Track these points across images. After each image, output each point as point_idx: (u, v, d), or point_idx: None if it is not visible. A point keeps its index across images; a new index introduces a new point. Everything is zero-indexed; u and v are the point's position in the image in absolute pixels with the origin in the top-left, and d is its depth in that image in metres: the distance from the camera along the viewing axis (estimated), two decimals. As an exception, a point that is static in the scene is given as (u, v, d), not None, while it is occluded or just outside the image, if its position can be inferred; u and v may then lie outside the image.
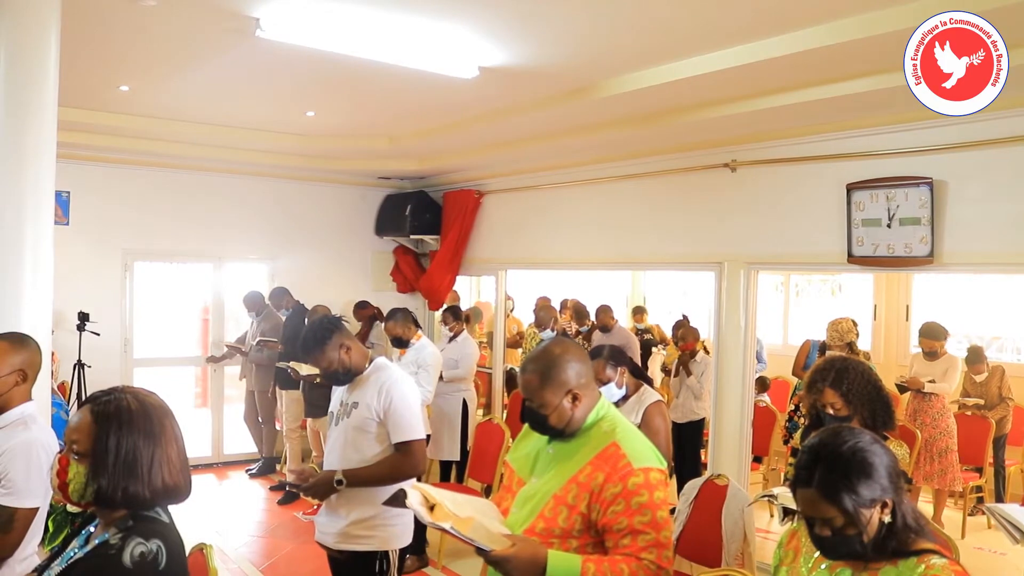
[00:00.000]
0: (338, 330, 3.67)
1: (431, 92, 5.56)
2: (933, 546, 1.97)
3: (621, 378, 4.32)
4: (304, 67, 5.03)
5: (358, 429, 3.61)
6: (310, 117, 6.64)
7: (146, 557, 1.88)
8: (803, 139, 5.72)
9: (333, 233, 9.34)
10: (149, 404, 2.01)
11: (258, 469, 8.55)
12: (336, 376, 3.70)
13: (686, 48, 4.50)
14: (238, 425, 8.82)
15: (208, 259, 8.80)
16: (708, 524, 4.44)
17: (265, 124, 7.11)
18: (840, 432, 2.00)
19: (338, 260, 9.39)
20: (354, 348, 3.69)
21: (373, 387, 3.64)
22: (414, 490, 2.36)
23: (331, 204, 9.34)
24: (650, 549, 2.29)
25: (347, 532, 3.60)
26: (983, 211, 4.88)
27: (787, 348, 10.13)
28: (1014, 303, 9.18)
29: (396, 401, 3.60)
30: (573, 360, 2.49)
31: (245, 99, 6.09)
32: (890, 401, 3.42)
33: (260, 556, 6.33)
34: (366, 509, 3.57)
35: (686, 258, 6.63)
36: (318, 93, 5.87)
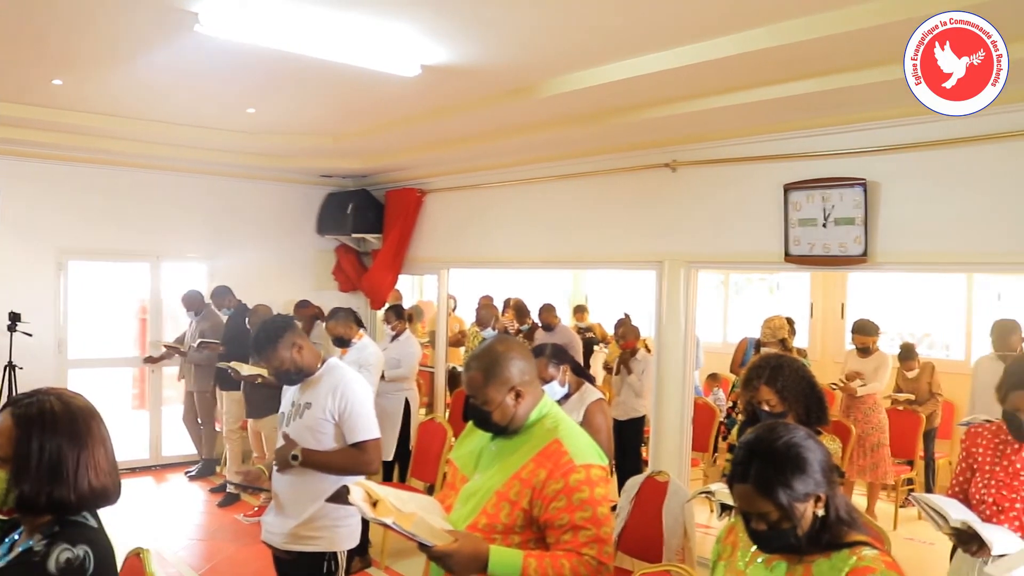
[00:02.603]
0: (290, 329, 3.66)
1: (374, 90, 5.53)
2: (865, 538, 2.02)
3: (564, 376, 4.35)
4: (244, 63, 4.96)
5: (311, 429, 3.60)
6: (251, 114, 6.55)
7: (72, 563, 1.84)
8: (742, 140, 5.81)
9: (274, 232, 9.24)
10: (74, 406, 1.97)
11: (198, 471, 8.43)
12: (287, 376, 3.68)
13: (627, 49, 4.53)
14: (177, 427, 8.68)
15: (146, 258, 8.64)
16: (649, 520, 4.50)
17: (204, 120, 7.00)
18: (775, 428, 2.04)
19: (279, 259, 9.29)
20: (306, 348, 3.67)
21: (327, 388, 3.63)
22: (357, 486, 2.36)
23: (272, 202, 9.23)
24: (591, 545, 2.32)
25: (295, 533, 3.58)
26: (914, 212, 5.01)
27: (726, 346, 10.29)
28: (944, 301, 9.44)
29: (352, 402, 3.60)
30: (516, 358, 2.51)
31: (184, 95, 5.98)
32: (824, 397, 3.50)
33: (200, 559, 6.24)
34: (314, 509, 3.55)
35: (627, 257, 6.69)
36: (259, 90, 5.80)
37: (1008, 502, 3.19)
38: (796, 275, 9.85)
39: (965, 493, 3.40)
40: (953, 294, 9.30)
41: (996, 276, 8.60)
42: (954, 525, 3.11)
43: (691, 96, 5.16)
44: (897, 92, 4.64)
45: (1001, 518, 3.18)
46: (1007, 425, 3.26)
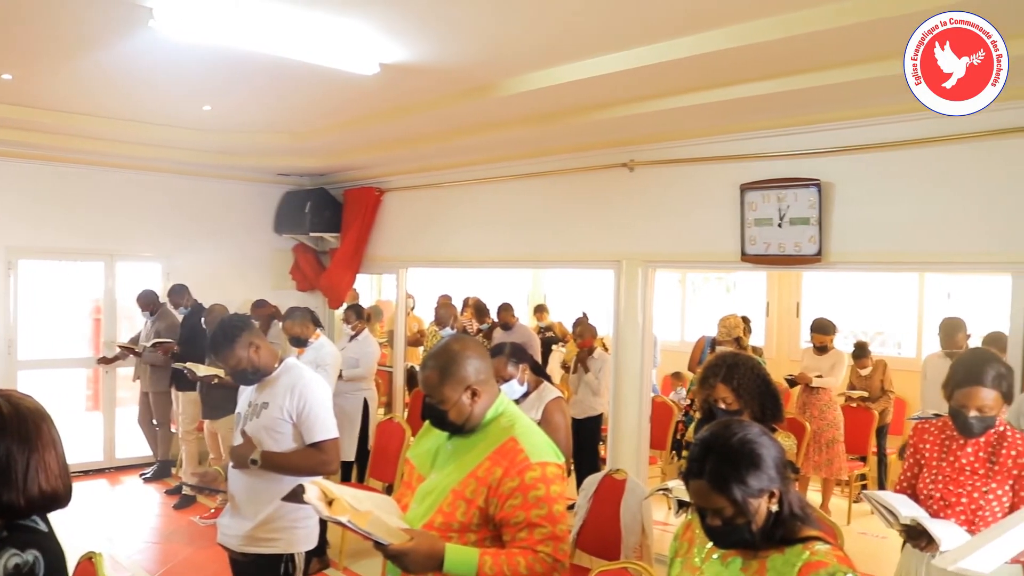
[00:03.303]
0: (248, 328, 3.63)
1: (332, 88, 5.50)
2: (818, 533, 2.05)
3: (522, 375, 4.36)
4: (200, 60, 4.90)
5: (268, 429, 3.57)
6: (207, 111, 6.48)
7: (21, 569, 1.81)
8: (699, 140, 5.87)
9: (231, 230, 9.15)
10: (24, 408, 1.93)
11: (153, 473, 8.32)
12: (244, 375, 3.66)
13: (586, 49, 4.55)
14: (132, 428, 8.55)
15: (99, 257, 8.51)
16: (607, 518, 4.52)
17: (159, 118, 6.91)
18: (730, 425, 2.07)
19: (236, 258, 9.20)
20: (263, 347, 3.65)
21: (284, 388, 3.61)
22: (313, 485, 2.36)
23: (229, 201, 9.14)
24: (546, 542, 2.33)
25: (252, 535, 3.55)
26: (866, 212, 5.09)
27: (684, 344, 10.37)
28: (896, 300, 9.60)
29: (310, 401, 3.58)
30: (473, 356, 2.52)
31: (138, 91, 5.89)
32: (779, 394, 3.54)
33: (155, 563, 6.16)
34: (272, 511, 3.53)
35: (585, 256, 6.72)
36: (215, 87, 5.73)
37: (954, 497, 3.26)
38: (752, 274, 9.96)
39: (913, 488, 3.47)
40: (905, 293, 9.47)
41: (946, 276, 8.77)
42: (904, 522, 3.17)
43: (649, 96, 5.20)
44: (851, 94, 4.75)
45: (948, 512, 3.25)
46: (953, 421, 3.32)
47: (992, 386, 3.21)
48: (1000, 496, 3.21)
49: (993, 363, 3.27)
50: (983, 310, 7.75)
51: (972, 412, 3.22)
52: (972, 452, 3.29)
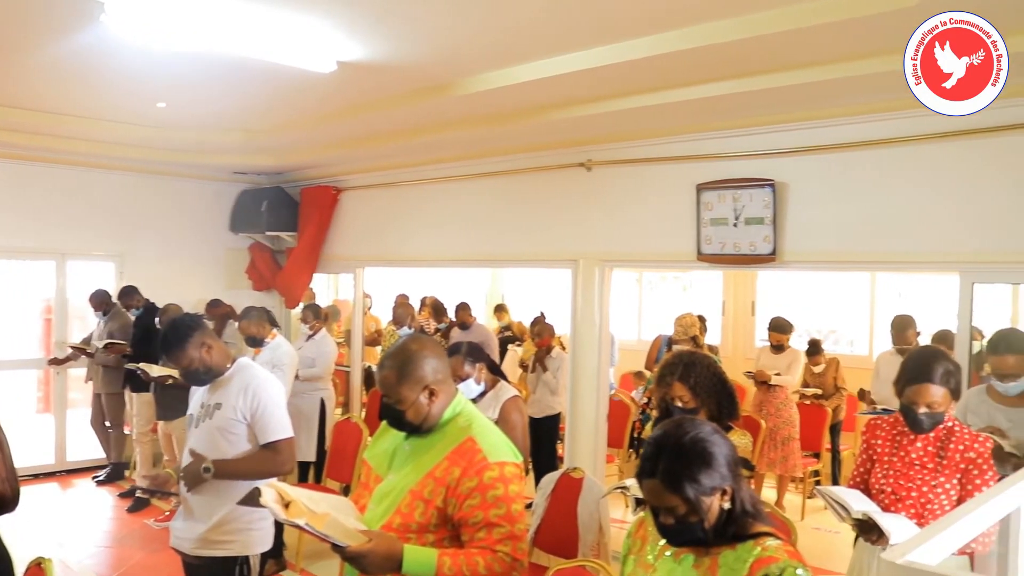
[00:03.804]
0: (199, 328, 3.59)
1: (288, 86, 5.45)
2: (769, 529, 2.08)
3: (479, 374, 4.36)
4: (154, 56, 4.81)
5: (221, 430, 3.53)
6: (161, 108, 6.39)
7: None
8: (656, 140, 5.90)
9: (185, 229, 9.04)
10: None
11: (106, 476, 8.20)
12: (196, 376, 3.61)
13: (544, 49, 4.56)
14: (84, 430, 8.42)
15: (50, 256, 8.37)
16: (565, 517, 4.53)
17: (112, 114, 6.80)
18: (682, 424, 2.08)
19: (190, 257, 9.09)
20: (215, 347, 3.61)
21: (237, 388, 3.57)
22: (269, 488, 2.34)
23: (183, 199, 9.02)
24: (505, 541, 2.34)
25: (206, 537, 3.51)
26: (819, 212, 5.16)
27: (641, 343, 10.42)
28: (848, 299, 9.75)
29: (264, 401, 3.55)
30: (430, 356, 2.51)
31: (90, 86, 5.79)
32: (735, 393, 3.58)
33: (108, 567, 6.07)
34: (226, 513, 3.49)
35: (542, 256, 6.74)
36: (169, 83, 5.65)
37: (905, 491, 3.32)
38: (708, 273, 10.04)
39: (866, 483, 3.52)
40: (857, 292, 9.62)
41: (897, 275, 8.92)
42: (855, 516, 3.23)
43: (606, 97, 5.22)
44: (806, 96, 4.81)
45: (898, 506, 3.31)
46: (904, 417, 3.38)
47: (941, 383, 3.27)
48: (948, 490, 3.27)
49: (942, 361, 3.34)
50: (933, 308, 7.89)
51: (922, 408, 3.28)
52: (922, 447, 3.35)
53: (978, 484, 3.21)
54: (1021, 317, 6.69)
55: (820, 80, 4.40)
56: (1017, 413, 4.01)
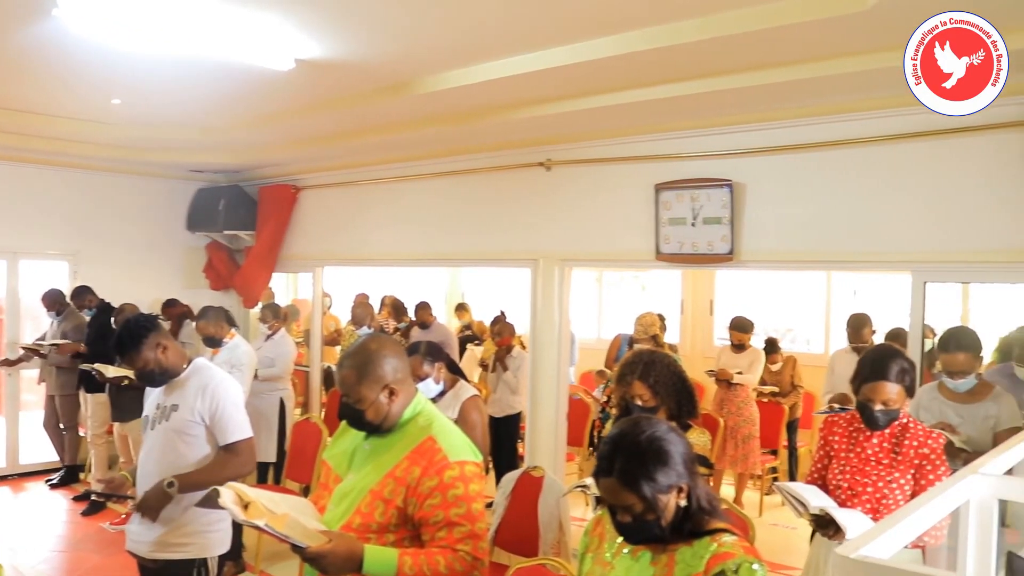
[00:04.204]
0: (154, 329, 3.53)
1: (246, 83, 5.40)
2: (725, 525, 2.10)
3: (439, 373, 4.35)
4: (108, 51, 4.73)
5: (178, 432, 3.48)
6: (116, 105, 6.30)
7: None
8: (615, 140, 5.94)
9: (141, 228, 8.91)
10: None
11: (60, 479, 8.06)
12: (152, 377, 3.56)
13: (503, 48, 4.57)
14: (37, 432, 8.27)
15: (1, 255, 8.21)
16: (525, 515, 4.54)
17: (66, 110, 6.68)
18: (638, 422, 2.10)
19: (146, 256, 8.96)
20: (171, 348, 3.56)
21: (195, 388, 3.52)
22: (227, 489, 2.32)
23: (139, 197, 8.90)
24: (466, 540, 2.34)
25: (163, 540, 3.46)
26: (776, 212, 5.22)
27: (600, 342, 10.47)
28: (805, 298, 9.87)
29: (222, 402, 3.50)
30: (389, 355, 2.51)
31: (43, 82, 5.67)
32: (694, 392, 3.61)
33: (62, 572, 5.97)
34: (183, 515, 3.45)
35: (502, 255, 6.74)
36: (124, 80, 5.56)
37: (861, 486, 3.37)
38: (667, 272, 10.11)
39: (823, 479, 3.57)
40: (813, 291, 9.74)
41: (852, 274, 9.04)
42: (812, 511, 3.27)
43: (565, 96, 5.24)
44: (763, 97, 4.87)
45: (855, 502, 3.36)
46: (860, 414, 3.44)
47: (896, 380, 3.33)
48: (903, 485, 3.33)
49: (897, 359, 3.40)
50: (887, 307, 8.01)
51: (878, 405, 3.34)
52: (877, 443, 3.40)
53: (931, 479, 3.27)
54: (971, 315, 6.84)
55: (777, 82, 4.45)
56: (967, 409, 4.10)
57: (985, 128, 4.38)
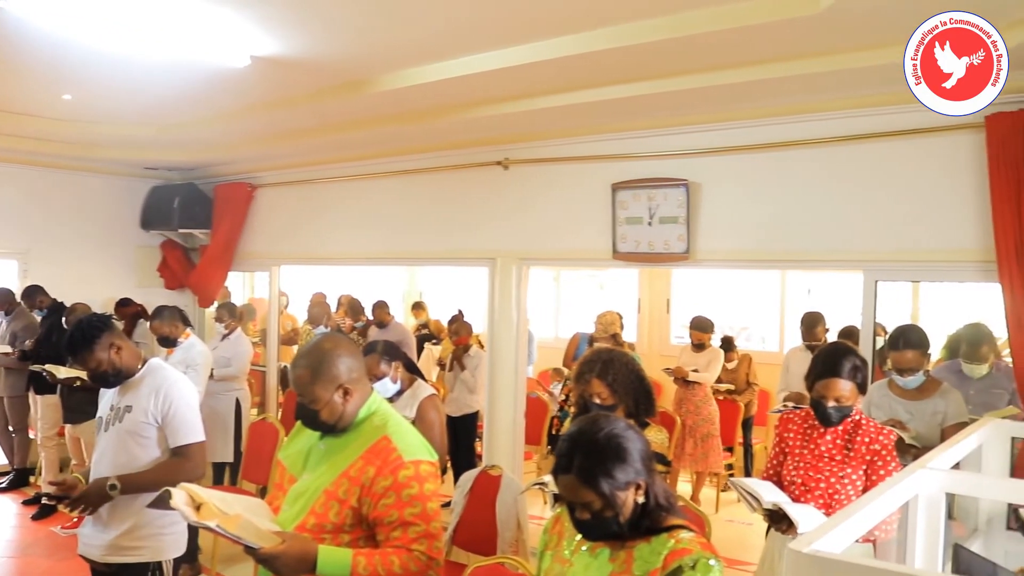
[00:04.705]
0: (107, 329, 3.49)
1: (200, 80, 5.33)
2: (683, 522, 2.13)
3: (396, 373, 4.35)
4: (58, 45, 4.64)
5: (132, 434, 3.44)
6: (67, 101, 6.19)
7: None
8: (572, 140, 5.96)
9: (93, 226, 8.76)
10: None
11: (9, 482, 7.90)
12: (105, 378, 3.51)
13: (461, 47, 4.56)
14: (-15, 435, 8.11)
15: (-52, 254, 8.05)
16: (483, 514, 4.55)
17: (15, 105, 6.53)
18: (596, 420, 2.12)
19: (99, 255, 8.82)
20: (125, 348, 3.51)
21: (148, 389, 3.48)
22: (179, 490, 2.30)
23: (92, 195, 8.74)
24: (421, 540, 2.34)
25: (116, 544, 3.42)
26: (731, 212, 5.28)
27: (558, 341, 10.51)
28: (759, 296, 9.99)
29: (176, 403, 3.46)
30: (344, 355, 2.50)
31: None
32: (652, 390, 3.64)
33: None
34: (137, 518, 3.41)
35: (460, 254, 6.73)
36: (75, 75, 5.45)
37: (814, 482, 3.43)
38: (624, 271, 10.17)
39: (778, 475, 3.63)
40: (768, 289, 9.86)
41: (806, 272, 9.16)
42: (766, 507, 3.32)
43: (523, 95, 5.25)
44: (717, 97, 4.92)
45: (808, 497, 3.42)
46: (814, 411, 3.50)
47: (848, 378, 3.40)
48: (855, 480, 3.39)
49: (849, 356, 3.46)
50: (840, 305, 8.13)
51: (831, 402, 3.40)
52: (831, 440, 3.46)
53: (881, 475, 3.34)
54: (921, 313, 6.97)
55: (733, 82, 4.50)
56: (916, 406, 4.19)
57: (936, 131, 4.47)
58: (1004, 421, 3.57)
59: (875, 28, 3.76)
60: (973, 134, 4.33)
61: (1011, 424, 3.59)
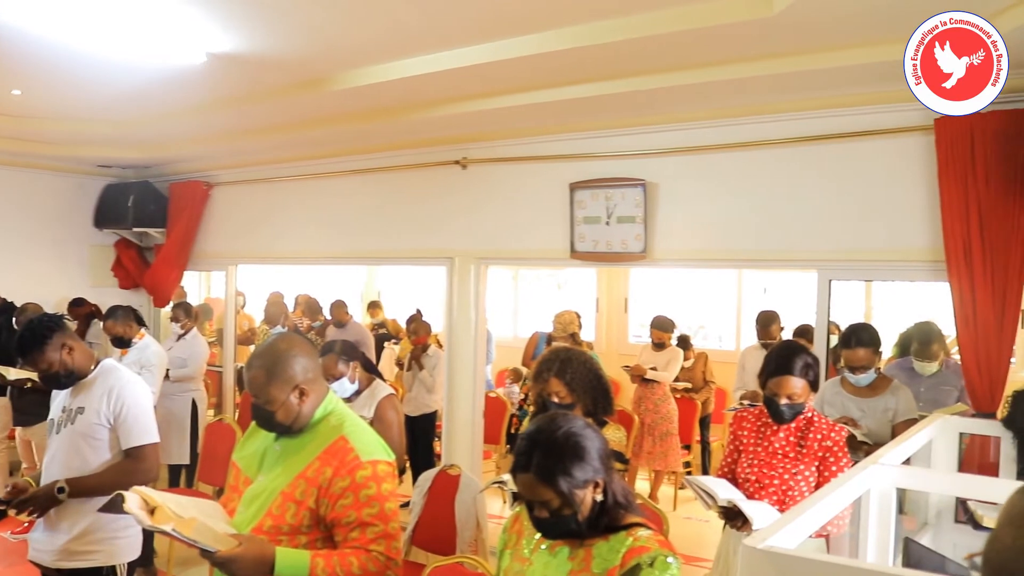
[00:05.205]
0: (59, 329, 3.43)
1: (156, 77, 5.25)
2: (641, 520, 2.16)
3: (353, 373, 4.34)
4: (7, 39, 4.55)
5: (84, 436, 3.39)
6: (16, 96, 6.06)
7: None
8: (531, 139, 5.97)
9: (46, 225, 8.59)
10: None
11: (-43, 486, 7.76)
12: (57, 379, 3.46)
13: (420, 45, 4.55)
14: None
15: None
16: (442, 514, 4.55)
17: (-39, 102, 6.42)
18: (555, 419, 2.13)
19: (52, 254, 8.66)
20: (77, 349, 3.46)
21: (101, 390, 3.43)
22: (133, 493, 2.27)
23: (43, 193, 8.57)
24: (379, 541, 2.34)
25: (68, 548, 3.37)
26: (688, 212, 5.32)
27: (517, 340, 10.52)
28: (716, 295, 10.09)
29: (129, 404, 3.42)
30: (299, 355, 2.49)
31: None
32: (610, 388, 3.67)
33: (-40, 583, 5.76)
34: (89, 522, 3.36)
35: (418, 253, 6.72)
36: (25, 69, 5.34)
37: (768, 479, 3.48)
38: (582, 270, 10.21)
39: (733, 473, 3.67)
40: (724, 288, 9.96)
41: (762, 272, 9.27)
42: (721, 504, 3.36)
43: (481, 95, 5.25)
44: (674, 98, 4.96)
45: (762, 494, 3.47)
46: (767, 408, 3.55)
47: (800, 375, 3.45)
48: (808, 477, 3.45)
49: (801, 354, 3.52)
50: (795, 304, 8.25)
51: (783, 400, 3.45)
52: (784, 437, 3.51)
53: (833, 471, 3.39)
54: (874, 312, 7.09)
55: (689, 83, 4.54)
56: (867, 403, 4.27)
57: (887, 133, 4.55)
58: (953, 417, 3.66)
59: (828, 31, 3.82)
60: (923, 137, 4.41)
61: (959, 420, 3.68)
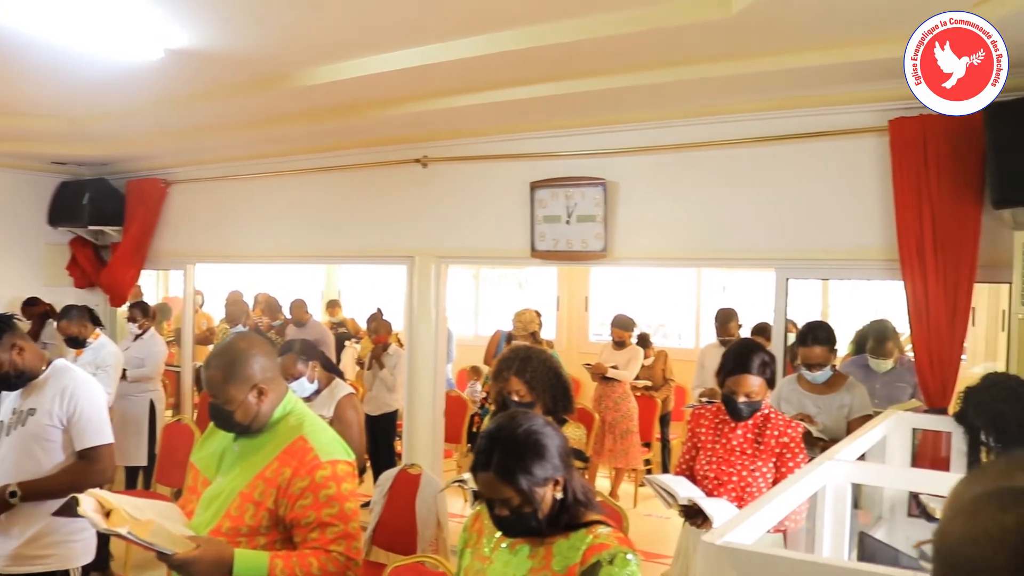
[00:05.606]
0: (8, 329, 3.37)
1: (112, 72, 5.16)
2: (601, 517, 2.17)
3: (312, 372, 4.32)
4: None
5: (36, 438, 3.33)
6: (-34, 91, 5.96)
7: None
8: (491, 138, 5.97)
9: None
10: None
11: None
12: (7, 380, 3.39)
13: (380, 43, 4.53)
14: None
15: None
16: (403, 513, 4.54)
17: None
18: (515, 417, 2.14)
19: (4, 253, 8.48)
20: (28, 349, 3.40)
21: (53, 391, 3.38)
22: (87, 496, 2.24)
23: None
24: (339, 541, 2.33)
25: (20, 553, 3.31)
26: (647, 211, 5.36)
27: (478, 339, 10.53)
28: (675, 293, 10.17)
29: (82, 405, 3.37)
30: (258, 354, 2.48)
31: None
32: (570, 387, 3.70)
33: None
34: (42, 526, 3.31)
35: (378, 252, 6.69)
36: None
37: (726, 476, 3.52)
38: (543, 269, 10.24)
39: (691, 470, 3.70)
40: (684, 287, 10.04)
41: (721, 270, 9.36)
42: (681, 502, 3.40)
43: (441, 93, 5.24)
44: (634, 98, 4.99)
45: (721, 491, 3.50)
46: (725, 406, 3.58)
47: (757, 373, 3.50)
48: (765, 473, 3.49)
49: (758, 352, 3.56)
50: (754, 302, 8.33)
51: (741, 397, 3.50)
52: (742, 434, 3.55)
53: (791, 467, 3.44)
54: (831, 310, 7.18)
55: (648, 84, 4.57)
56: (823, 400, 4.33)
57: (843, 133, 4.62)
58: (907, 413, 3.71)
59: (785, 33, 3.87)
60: (878, 138, 4.48)
61: (913, 416, 3.74)
